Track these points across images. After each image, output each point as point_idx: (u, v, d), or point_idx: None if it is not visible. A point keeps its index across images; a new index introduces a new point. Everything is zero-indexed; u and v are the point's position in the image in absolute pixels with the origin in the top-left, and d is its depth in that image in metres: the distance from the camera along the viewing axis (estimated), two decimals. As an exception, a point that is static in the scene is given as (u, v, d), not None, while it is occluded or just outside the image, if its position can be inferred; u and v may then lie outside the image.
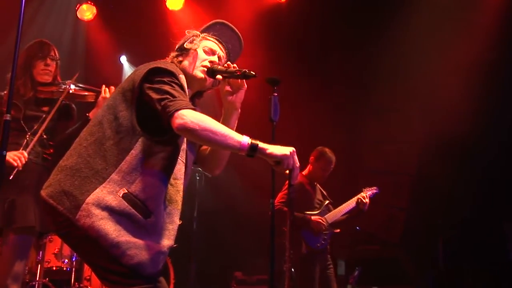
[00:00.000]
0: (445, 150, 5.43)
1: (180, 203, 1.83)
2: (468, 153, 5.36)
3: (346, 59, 5.87)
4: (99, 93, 3.00)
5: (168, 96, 1.69)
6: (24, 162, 2.63)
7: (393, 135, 5.80)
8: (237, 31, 2.11)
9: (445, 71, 5.27)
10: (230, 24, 2.10)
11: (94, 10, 5.41)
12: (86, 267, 4.19)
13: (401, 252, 5.75)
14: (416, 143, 5.78)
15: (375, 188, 4.17)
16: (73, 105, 3.09)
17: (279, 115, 2.13)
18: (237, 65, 2.00)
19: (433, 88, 5.43)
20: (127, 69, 6.13)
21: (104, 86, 3.01)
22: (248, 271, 5.32)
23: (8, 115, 1.88)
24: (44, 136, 2.82)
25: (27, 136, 2.75)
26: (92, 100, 3.06)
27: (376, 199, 4.22)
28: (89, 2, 5.40)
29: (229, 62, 1.98)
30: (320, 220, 3.97)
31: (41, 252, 3.98)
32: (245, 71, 1.90)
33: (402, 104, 5.67)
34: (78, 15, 5.40)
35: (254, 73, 1.89)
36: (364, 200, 4.00)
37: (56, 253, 4.07)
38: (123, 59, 6.16)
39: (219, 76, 1.95)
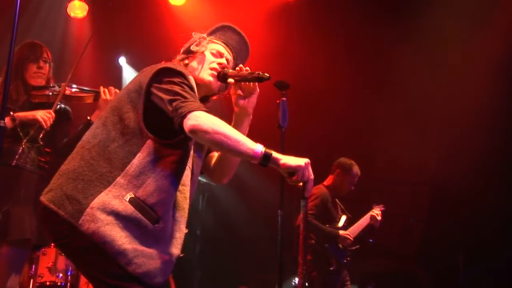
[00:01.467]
0: (466, 157, 5.39)
1: (187, 210, 1.84)
2: (491, 161, 5.32)
3: (359, 61, 5.86)
4: (97, 94, 3.02)
5: (179, 97, 1.71)
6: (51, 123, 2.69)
7: (410, 141, 5.77)
8: (244, 35, 2.14)
9: (466, 75, 5.25)
10: (237, 28, 2.13)
11: (86, 7, 5.37)
12: (82, 282, 4.19)
13: (418, 266, 5.71)
14: (434, 150, 5.75)
15: (382, 205, 4.34)
16: (69, 108, 3.11)
17: (288, 121, 2.14)
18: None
19: (452, 92, 5.40)
20: (127, 71, 6.16)
21: (102, 87, 3.03)
22: (254, 286, 5.32)
23: (2, 121, 1.90)
24: (41, 143, 2.84)
25: (23, 143, 2.77)
26: (91, 102, 3.08)
27: (391, 209, 4.28)
28: None
29: (241, 65, 2.00)
30: (348, 236, 4.05)
31: (34, 265, 3.98)
32: (259, 73, 1.91)
33: (420, 109, 5.65)
34: (69, 12, 5.35)
35: (268, 76, 1.90)
36: (377, 218, 4.17)
37: (50, 267, 4.07)
38: (122, 60, 6.19)
39: (231, 80, 1.97)
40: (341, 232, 4.06)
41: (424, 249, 5.79)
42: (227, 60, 2.05)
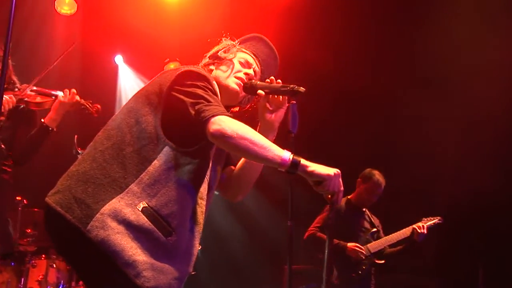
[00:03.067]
0: (484, 162, 5.38)
1: (202, 226, 1.85)
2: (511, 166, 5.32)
3: (374, 62, 5.87)
4: (56, 98, 3.06)
5: (202, 100, 1.73)
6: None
7: (426, 147, 5.76)
8: (275, 49, 2.16)
9: (485, 79, 5.26)
10: (269, 42, 2.15)
11: (75, 5, 5.37)
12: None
13: (434, 280, 5.68)
14: (453, 156, 5.74)
15: (438, 218, 4.20)
16: (34, 110, 3.13)
17: (298, 126, 2.14)
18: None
19: (471, 95, 5.39)
20: (123, 70, 6.18)
21: (66, 90, 3.08)
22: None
23: None
24: (2, 146, 2.86)
25: None
26: (49, 107, 3.11)
27: (403, 218, 4.25)
28: None
29: (272, 77, 2.01)
30: (357, 248, 4.02)
31: (23, 279, 3.99)
32: (294, 87, 1.92)
33: (437, 113, 5.64)
34: (57, 8, 5.34)
35: (303, 89, 1.91)
36: (419, 230, 4.02)
37: (40, 280, 4.08)
38: (119, 59, 6.21)
39: (260, 92, 1.98)
40: (349, 244, 4.05)
41: (439, 261, 5.77)
42: (254, 71, 2.07)
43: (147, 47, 5.68)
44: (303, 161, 1.69)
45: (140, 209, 1.66)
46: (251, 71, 2.04)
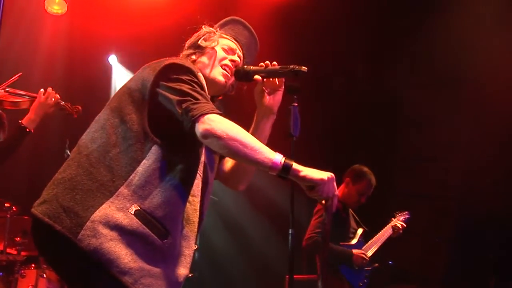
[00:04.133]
0: (496, 169, 5.36)
1: (197, 224, 1.84)
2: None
3: (376, 63, 5.88)
4: (34, 99, 3.07)
5: (189, 97, 1.70)
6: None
7: (433, 151, 5.75)
8: (253, 31, 2.16)
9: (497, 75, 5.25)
10: (247, 23, 2.15)
11: (65, 4, 5.41)
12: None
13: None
14: (462, 161, 5.73)
15: (406, 213, 4.37)
16: (3, 112, 3.14)
17: (300, 129, 2.13)
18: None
19: (484, 94, 5.39)
20: (118, 70, 6.19)
21: (42, 89, 3.07)
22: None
23: None
24: None
25: None
26: (26, 107, 3.11)
27: (413, 228, 4.30)
28: None
29: (267, 62, 2.02)
30: (363, 255, 4.00)
31: (11, 289, 3.99)
32: (294, 66, 1.91)
33: (446, 113, 5.63)
34: (46, 8, 5.37)
35: (305, 68, 1.91)
36: (399, 227, 4.20)
37: (30, 291, 4.07)
38: (112, 59, 6.22)
39: (258, 77, 1.99)
40: (355, 251, 4.00)
41: (450, 273, 5.74)
42: (238, 56, 2.06)
43: (141, 46, 5.68)
44: (295, 165, 1.67)
45: (132, 212, 1.65)
46: (236, 57, 2.04)
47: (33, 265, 4.12)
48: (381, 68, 5.89)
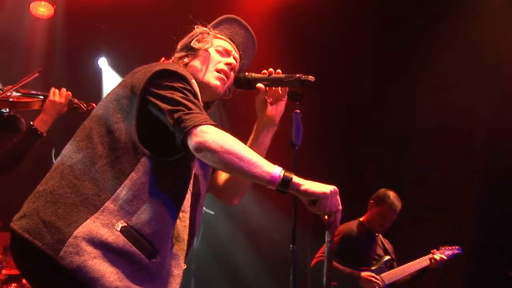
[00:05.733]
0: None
1: (186, 242, 1.84)
2: None
3: (383, 63, 5.88)
4: (46, 98, 3.05)
5: (181, 107, 1.68)
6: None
7: (448, 160, 5.73)
8: (250, 29, 2.15)
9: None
10: (243, 22, 2.14)
11: (52, 8, 5.48)
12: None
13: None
14: (479, 172, 5.70)
15: (457, 247, 4.27)
16: (19, 116, 3.13)
17: (302, 138, 2.12)
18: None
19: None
20: (108, 74, 6.20)
21: (53, 88, 3.06)
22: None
23: None
24: None
25: None
26: (39, 108, 3.09)
27: (421, 244, 4.25)
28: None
29: (271, 69, 2.02)
30: (372, 278, 4.00)
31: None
32: (300, 76, 1.92)
33: (460, 119, 5.61)
34: (32, 11, 5.45)
35: (313, 78, 1.91)
36: (437, 259, 4.10)
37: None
38: (102, 62, 6.23)
39: (260, 85, 1.99)
40: (363, 273, 4.03)
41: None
42: (234, 58, 2.05)
43: (137, 48, 5.69)
44: (295, 179, 1.66)
45: (118, 229, 1.63)
46: (231, 60, 2.03)
47: (14, 284, 4.10)
48: (390, 74, 5.90)
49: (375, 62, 6.20)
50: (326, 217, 1.72)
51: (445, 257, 4.13)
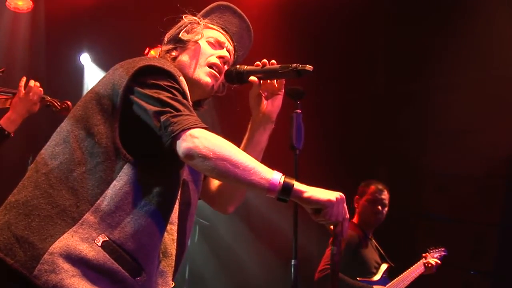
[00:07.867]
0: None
1: (174, 257, 1.82)
2: None
3: (394, 57, 5.89)
4: (15, 96, 3.03)
5: (169, 108, 1.66)
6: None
7: (465, 164, 5.73)
8: (245, 18, 2.12)
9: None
10: (237, 9, 2.11)
11: (30, 3, 5.54)
12: None
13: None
14: (503, 177, 5.69)
15: (442, 249, 4.46)
16: None
17: (304, 141, 2.11)
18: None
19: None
20: (90, 71, 6.21)
21: (24, 78, 3.04)
22: None
23: None
24: None
25: None
26: (8, 106, 3.07)
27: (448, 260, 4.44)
28: None
29: (264, 60, 2.00)
30: None
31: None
32: (297, 65, 1.90)
33: (479, 124, 5.61)
34: (9, 4, 5.51)
35: (311, 67, 1.89)
36: (433, 264, 4.31)
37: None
38: (85, 58, 6.25)
39: (253, 79, 1.98)
40: (375, 287, 4.03)
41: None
42: (228, 51, 2.03)
43: (121, 43, 5.70)
44: (297, 185, 1.63)
45: (99, 244, 1.61)
46: (224, 52, 2.00)
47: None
48: (405, 72, 5.91)
49: (388, 59, 6.20)
50: (331, 227, 1.70)
51: (439, 262, 4.34)
